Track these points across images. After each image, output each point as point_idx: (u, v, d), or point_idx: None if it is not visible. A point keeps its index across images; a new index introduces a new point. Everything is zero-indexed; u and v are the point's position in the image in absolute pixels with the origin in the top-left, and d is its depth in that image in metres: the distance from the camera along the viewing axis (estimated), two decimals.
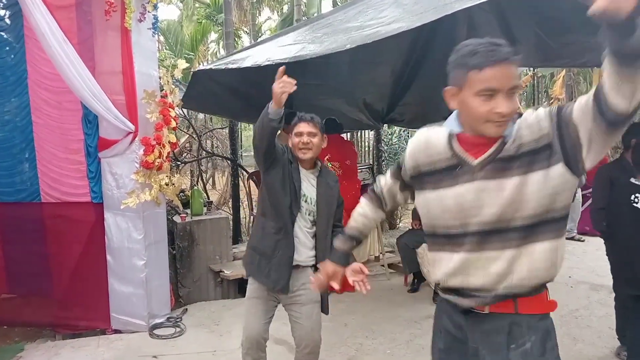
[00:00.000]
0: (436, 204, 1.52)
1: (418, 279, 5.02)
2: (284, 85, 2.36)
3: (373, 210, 1.90)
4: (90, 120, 3.93)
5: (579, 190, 6.68)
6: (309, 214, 2.64)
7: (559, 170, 1.33)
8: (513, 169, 1.37)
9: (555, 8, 3.92)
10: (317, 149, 2.62)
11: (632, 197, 2.96)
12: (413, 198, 1.71)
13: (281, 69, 2.39)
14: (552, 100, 13.25)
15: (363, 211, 1.92)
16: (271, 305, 2.72)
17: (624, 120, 1.22)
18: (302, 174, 2.62)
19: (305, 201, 2.61)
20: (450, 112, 1.53)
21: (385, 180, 1.87)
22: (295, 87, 2.37)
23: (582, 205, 7.07)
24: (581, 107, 1.29)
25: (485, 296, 1.46)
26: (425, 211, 1.58)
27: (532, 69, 13.09)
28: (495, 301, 1.45)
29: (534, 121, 1.37)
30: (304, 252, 2.64)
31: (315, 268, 2.64)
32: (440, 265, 1.55)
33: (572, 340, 3.76)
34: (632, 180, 3.01)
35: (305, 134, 2.59)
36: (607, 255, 3.55)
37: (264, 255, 2.61)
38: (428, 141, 1.57)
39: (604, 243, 3.55)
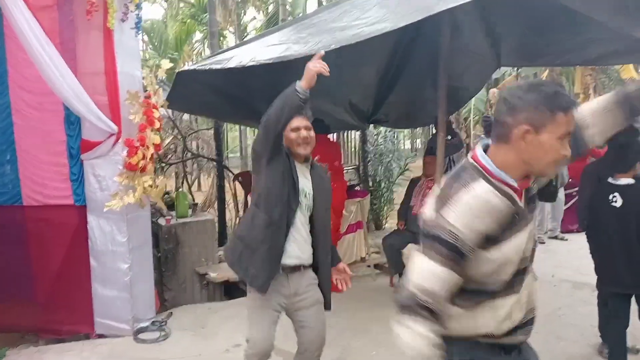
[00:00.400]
0: (501, 261, 1.40)
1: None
2: (321, 66, 2.32)
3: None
4: (72, 121, 3.88)
5: (562, 189, 6.75)
6: (307, 210, 2.56)
7: None
8: (535, 205, 1.47)
9: (537, 8, 3.96)
10: (314, 143, 2.58)
11: (611, 196, 2.98)
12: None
13: (319, 53, 2.39)
14: None
15: None
16: (275, 315, 2.58)
17: None
18: (298, 169, 2.54)
19: (305, 196, 2.53)
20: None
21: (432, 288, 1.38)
22: (328, 74, 2.35)
23: (565, 204, 7.15)
24: None
25: (528, 328, 1.52)
26: (483, 273, 1.41)
27: (515, 69, 13.21)
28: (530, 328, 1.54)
29: None
30: (306, 249, 2.56)
31: (314, 268, 2.59)
32: (492, 313, 1.46)
33: (555, 338, 3.79)
34: (610, 180, 3.03)
35: (303, 129, 2.54)
36: (590, 253, 3.60)
37: (248, 247, 2.49)
38: (488, 203, 1.35)
39: (587, 241, 3.59)
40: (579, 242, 6.87)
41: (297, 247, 2.51)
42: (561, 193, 6.86)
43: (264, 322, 2.52)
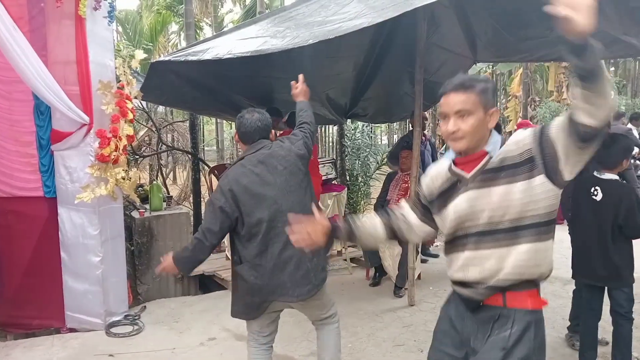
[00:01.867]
0: (445, 217, 1.78)
1: (379, 273, 5.06)
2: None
3: (377, 222, 2.00)
4: (42, 111, 3.78)
5: None
6: None
7: (540, 180, 1.57)
8: (499, 178, 1.63)
9: (513, 3, 4.01)
10: None
11: (592, 189, 3.04)
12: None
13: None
14: (509, 98, 13.58)
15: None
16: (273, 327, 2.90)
17: (593, 136, 1.42)
18: None
19: None
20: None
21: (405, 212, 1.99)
22: None
23: None
24: (558, 125, 1.52)
25: (479, 288, 1.70)
26: (441, 225, 1.85)
27: (490, 66, 13.40)
28: (487, 293, 1.69)
29: (520, 138, 1.62)
30: None
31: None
32: (451, 263, 1.83)
33: None
34: (595, 173, 3.07)
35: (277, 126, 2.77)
36: (571, 243, 3.66)
37: None
38: (437, 171, 1.84)
39: (569, 232, 3.67)
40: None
41: None
42: None
43: (256, 337, 2.79)
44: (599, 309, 3.20)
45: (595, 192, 3.02)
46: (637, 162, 8.57)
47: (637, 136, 8.98)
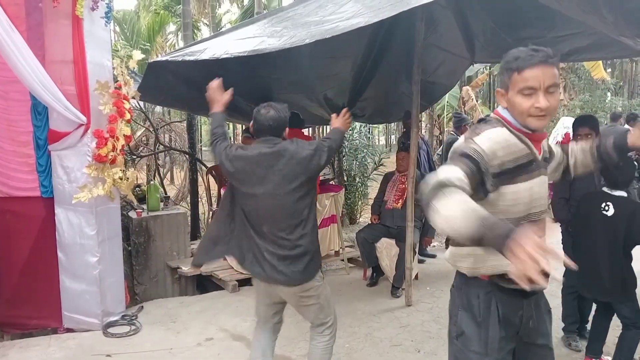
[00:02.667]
0: (515, 197, 1.62)
1: (377, 273, 5.07)
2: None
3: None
4: (39, 111, 3.78)
5: None
6: None
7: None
8: (546, 167, 1.73)
9: (511, 3, 4.02)
10: None
11: (603, 204, 3.04)
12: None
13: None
14: None
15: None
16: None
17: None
18: None
19: None
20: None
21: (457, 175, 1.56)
22: None
23: None
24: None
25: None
26: (500, 203, 1.61)
27: (488, 67, 13.42)
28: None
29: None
30: None
31: None
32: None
33: None
34: (605, 189, 3.09)
35: None
36: (562, 243, 3.68)
37: None
38: (507, 140, 1.60)
39: (562, 232, 3.69)
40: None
41: None
42: None
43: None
44: (610, 313, 3.21)
45: (607, 208, 3.02)
46: (635, 163, 8.59)
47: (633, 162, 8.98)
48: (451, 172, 1.48)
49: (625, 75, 16.26)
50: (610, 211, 3.01)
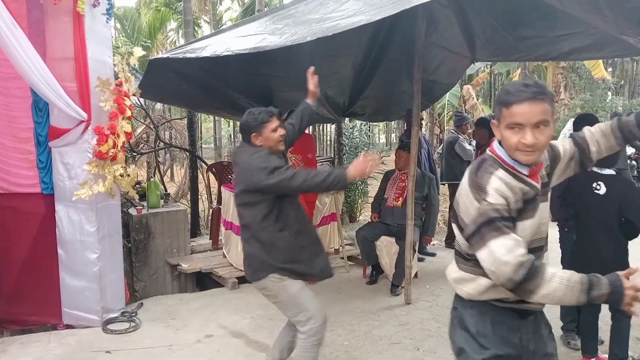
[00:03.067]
0: (524, 229, 1.63)
1: (376, 271, 5.07)
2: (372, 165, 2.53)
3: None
4: (40, 108, 3.78)
5: None
6: None
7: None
8: (546, 193, 1.72)
9: (512, 2, 4.02)
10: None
11: (594, 184, 3.12)
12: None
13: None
14: None
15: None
16: None
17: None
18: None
19: None
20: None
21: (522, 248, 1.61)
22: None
23: None
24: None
25: None
26: (522, 234, 1.64)
27: (489, 66, 13.41)
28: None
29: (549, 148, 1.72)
30: None
31: None
32: None
33: None
34: (595, 169, 3.14)
35: (280, 127, 2.77)
36: (559, 243, 3.70)
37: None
38: (509, 183, 1.60)
39: (559, 231, 3.71)
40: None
41: None
42: None
43: (314, 297, 2.80)
44: (597, 304, 3.25)
45: (599, 187, 3.10)
46: (634, 162, 8.60)
47: None
48: (514, 248, 1.51)
49: (626, 74, 16.26)
50: (602, 190, 3.08)
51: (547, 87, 1.58)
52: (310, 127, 10.75)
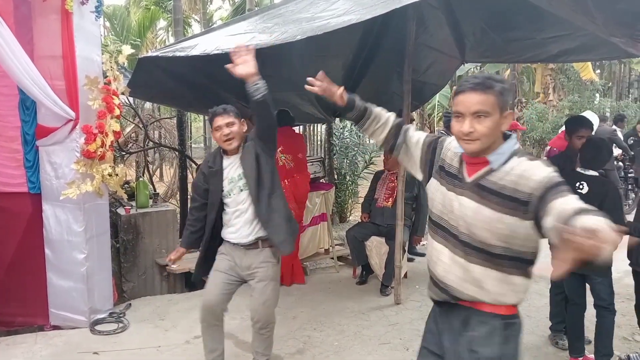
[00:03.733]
0: (437, 194, 1.77)
1: (366, 272, 5.07)
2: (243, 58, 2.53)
3: (392, 121, 2.02)
4: (27, 106, 3.74)
5: None
6: (241, 191, 2.82)
7: (529, 225, 1.54)
8: (493, 202, 1.58)
9: (501, 4, 4.04)
10: (239, 135, 2.84)
11: (577, 184, 3.17)
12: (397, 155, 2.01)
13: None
14: None
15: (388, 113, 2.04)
16: (232, 279, 2.92)
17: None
18: (224, 164, 2.87)
19: (230, 182, 2.84)
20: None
21: (413, 133, 1.98)
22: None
23: None
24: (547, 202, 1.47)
25: (442, 289, 1.74)
26: (429, 194, 1.83)
27: (479, 67, 13.48)
28: (450, 298, 1.72)
29: (527, 175, 1.54)
30: (244, 229, 2.84)
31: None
32: (429, 247, 1.83)
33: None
34: (579, 169, 3.22)
35: (224, 126, 2.78)
36: (548, 244, 3.73)
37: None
38: (453, 151, 1.77)
39: None
40: None
41: (234, 228, 2.86)
42: None
43: (217, 283, 2.90)
44: (582, 303, 3.30)
45: (581, 187, 3.15)
46: (620, 163, 8.69)
47: (622, 137, 9.10)
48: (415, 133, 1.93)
49: (613, 76, 16.42)
50: (585, 189, 3.14)
51: (497, 81, 1.59)
52: (301, 127, 10.73)
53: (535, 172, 1.54)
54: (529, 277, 1.66)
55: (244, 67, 2.54)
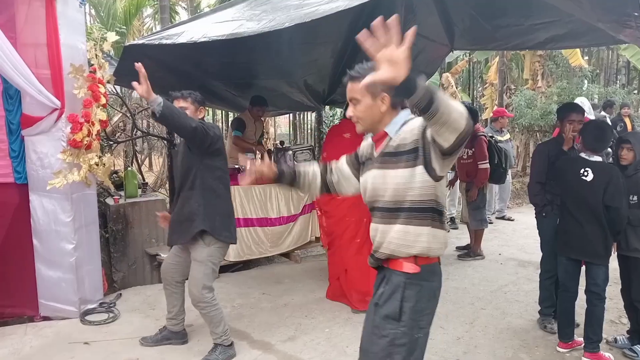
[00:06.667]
0: (363, 185, 1.96)
1: None
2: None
3: (319, 168, 2.16)
4: (11, 95, 3.68)
5: (510, 171, 7.00)
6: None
7: (420, 170, 1.73)
8: (392, 162, 1.78)
9: None
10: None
11: (582, 170, 3.18)
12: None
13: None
14: (486, 85, 13.70)
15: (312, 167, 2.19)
16: (180, 252, 3.35)
17: (451, 152, 1.62)
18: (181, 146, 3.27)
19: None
20: None
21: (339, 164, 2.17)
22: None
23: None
24: (428, 132, 1.68)
25: (374, 254, 1.92)
26: (362, 189, 1.99)
27: (468, 54, 13.48)
28: (377, 261, 1.92)
29: (412, 127, 1.75)
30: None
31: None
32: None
33: (501, 313, 3.95)
34: (583, 155, 3.23)
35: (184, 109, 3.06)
36: (537, 229, 3.77)
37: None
38: (366, 142, 2.02)
39: (536, 216, 3.77)
40: (525, 222, 7.17)
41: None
42: (509, 175, 7.11)
43: (170, 255, 3.43)
44: (574, 290, 3.33)
45: (586, 173, 3.17)
46: (609, 149, 8.76)
47: (610, 124, 9.16)
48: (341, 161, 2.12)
49: (601, 63, 16.49)
50: (590, 176, 3.16)
51: (366, 69, 1.76)
52: (290, 114, 10.68)
53: (415, 122, 1.75)
54: (427, 225, 1.78)
55: (139, 88, 2.75)
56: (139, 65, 2.68)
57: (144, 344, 3.48)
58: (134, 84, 2.71)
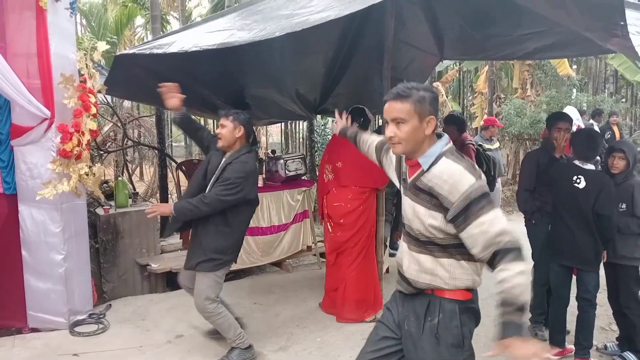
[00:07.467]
0: (402, 205, 1.97)
1: None
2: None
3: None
4: (0, 105, 3.66)
5: (499, 180, 7.04)
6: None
7: (444, 219, 1.75)
8: (424, 200, 1.80)
9: (479, 1, 4.07)
10: (227, 138, 3.28)
11: (575, 177, 3.20)
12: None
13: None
14: (476, 95, 13.81)
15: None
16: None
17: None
18: (213, 156, 3.39)
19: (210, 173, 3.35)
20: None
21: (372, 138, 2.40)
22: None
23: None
24: (463, 235, 1.73)
25: (416, 285, 1.90)
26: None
27: (458, 63, 13.59)
28: (412, 288, 1.92)
29: (452, 184, 1.72)
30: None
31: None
32: (400, 246, 2.05)
33: (492, 321, 3.95)
34: (577, 162, 3.26)
35: (220, 126, 3.30)
36: (527, 236, 3.79)
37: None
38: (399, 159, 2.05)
39: (525, 224, 3.79)
40: (515, 230, 7.19)
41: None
42: (498, 183, 7.14)
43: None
44: (566, 297, 3.35)
45: (579, 180, 3.20)
46: (598, 157, 8.84)
47: (598, 132, 9.27)
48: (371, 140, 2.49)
49: (589, 72, 16.68)
50: (582, 184, 3.18)
51: (418, 90, 1.76)
52: (282, 123, 10.69)
53: (460, 182, 1.70)
54: (474, 260, 1.80)
55: (171, 101, 3.33)
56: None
57: None
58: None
